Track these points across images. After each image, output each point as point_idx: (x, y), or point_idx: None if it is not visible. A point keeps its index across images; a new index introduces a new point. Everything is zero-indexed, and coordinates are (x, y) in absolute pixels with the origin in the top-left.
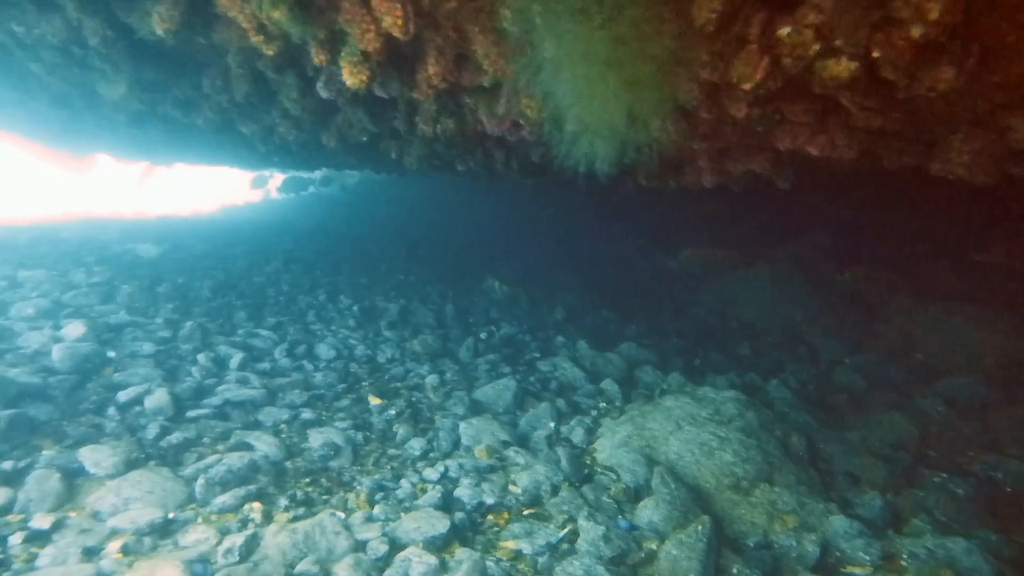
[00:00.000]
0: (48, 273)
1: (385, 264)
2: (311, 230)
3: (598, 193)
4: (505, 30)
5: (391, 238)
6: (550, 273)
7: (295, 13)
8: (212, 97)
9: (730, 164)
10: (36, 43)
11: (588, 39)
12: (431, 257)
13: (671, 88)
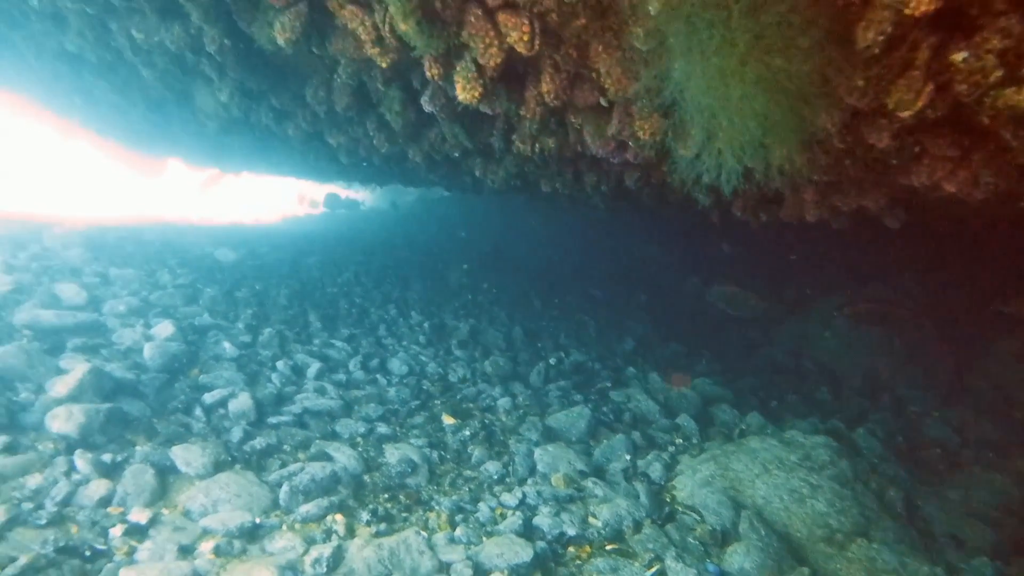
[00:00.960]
0: (136, 272)
1: (452, 281)
2: (376, 245)
3: (666, 223)
4: (633, 49)
5: (454, 257)
6: (615, 301)
7: (422, 26)
8: (310, 107)
9: (839, 199)
10: (152, 49)
11: (728, 59)
12: (494, 278)
13: (811, 114)
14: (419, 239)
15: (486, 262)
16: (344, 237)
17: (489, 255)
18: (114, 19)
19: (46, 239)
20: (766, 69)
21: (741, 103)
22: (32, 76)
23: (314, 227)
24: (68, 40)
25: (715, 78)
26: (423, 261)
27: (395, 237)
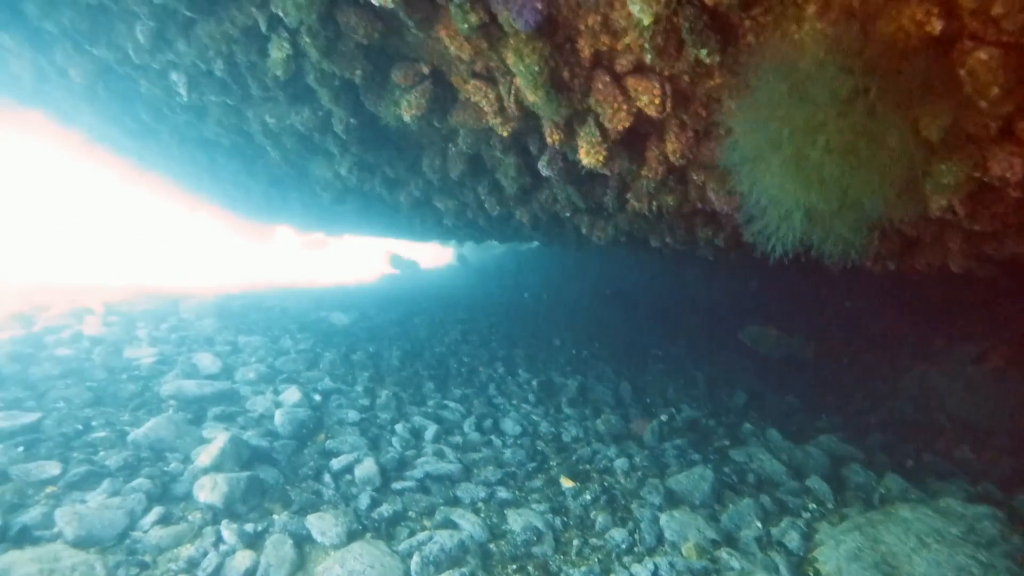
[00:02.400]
0: (262, 340)
1: (554, 336)
2: (471, 302)
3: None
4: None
5: (549, 310)
6: (719, 351)
7: (550, 95)
8: (424, 175)
9: (993, 246)
10: (281, 131)
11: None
12: (590, 330)
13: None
14: (501, 293)
15: (577, 316)
16: (440, 295)
17: (576, 307)
18: (250, 108)
19: (182, 310)
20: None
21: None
22: (171, 160)
23: (409, 284)
24: (206, 128)
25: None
26: (517, 315)
27: (483, 292)
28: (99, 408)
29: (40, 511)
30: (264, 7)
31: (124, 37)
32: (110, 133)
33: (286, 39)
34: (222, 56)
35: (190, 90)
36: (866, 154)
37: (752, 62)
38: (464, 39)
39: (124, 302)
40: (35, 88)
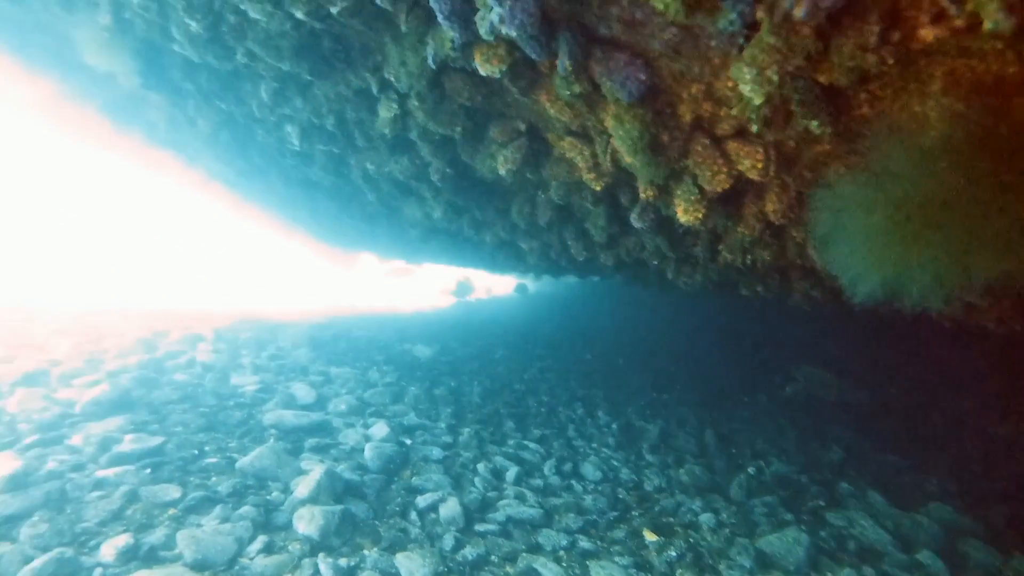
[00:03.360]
0: (351, 371)
1: (633, 376)
2: (547, 334)
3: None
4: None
5: (626, 347)
6: (811, 401)
7: (649, 159)
8: (513, 219)
9: None
10: (379, 177)
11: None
12: (671, 370)
13: None
14: (571, 324)
15: (653, 354)
16: (515, 327)
17: (650, 345)
18: (353, 155)
19: (280, 339)
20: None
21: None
22: (275, 196)
23: (481, 314)
24: (311, 171)
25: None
26: (593, 350)
27: (554, 323)
28: (211, 433)
29: (163, 532)
30: (376, 72)
31: (249, 95)
32: (225, 172)
33: (394, 100)
34: (334, 113)
35: (302, 140)
36: (995, 228)
37: (867, 132)
38: (565, 104)
39: (229, 329)
40: (167, 133)
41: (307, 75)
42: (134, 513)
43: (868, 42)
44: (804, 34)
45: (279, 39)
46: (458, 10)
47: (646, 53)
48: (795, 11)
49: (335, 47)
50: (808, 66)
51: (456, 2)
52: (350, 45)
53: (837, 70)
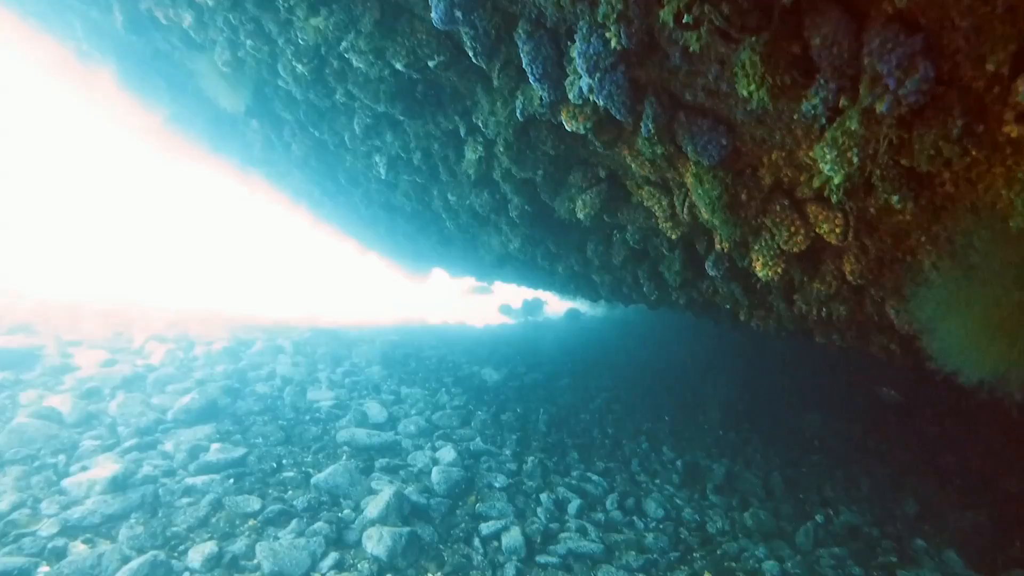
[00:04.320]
0: (421, 392)
1: (700, 412)
2: (613, 361)
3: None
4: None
5: (691, 378)
6: (888, 452)
7: (727, 216)
8: (587, 255)
9: None
10: (459, 208)
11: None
12: (739, 406)
13: None
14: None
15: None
16: (577, 350)
17: (701, 371)
18: (435, 186)
19: (354, 355)
20: None
21: None
22: (356, 218)
23: (550, 335)
24: (394, 197)
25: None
26: (668, 384)
27: (618, 349)
28: (288, 447)
29: (244, 543)
30: (465, 116)
31: (343, 127)
32: (311, 192)
33: (480, 143)
34: (421, 148)
35: (388, 170)
36: None
37: (951, 208)
38: (646, 159)
39: (307, 343)
40: (261, 154)
41: (400, 115)
42: (218, 521)
43: (951, 134)
44: (886, 123)
45: (377, 83)
46: (549, 73)
47: (729, 120)
48: (877, 105)
49: (428, 92)
50: (890, 150)
51: (547, 66)
52: (442, 90)
53: (919, 156)
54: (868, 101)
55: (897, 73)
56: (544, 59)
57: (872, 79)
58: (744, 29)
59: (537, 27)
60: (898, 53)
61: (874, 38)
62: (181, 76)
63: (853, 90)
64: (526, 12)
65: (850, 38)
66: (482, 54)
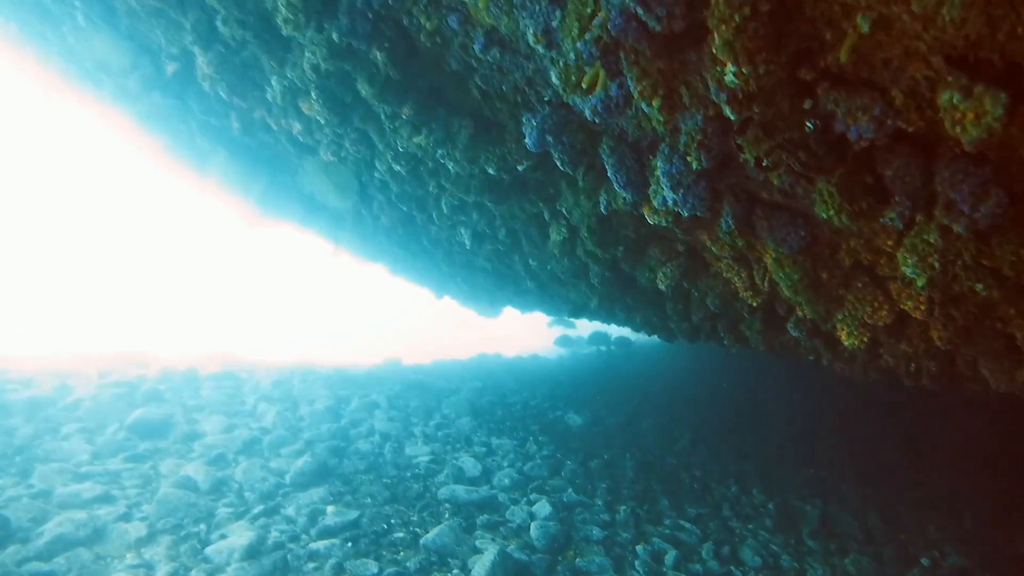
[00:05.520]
0: (511, 442)
1: (786, 448)
2: (691, 396)
3: None
4: None
5: (771, 413)
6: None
7: (809, 296)
8: (666, 312)
9: None
10: (540, 271)
11: None
12: (830, 441)
13: None
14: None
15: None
16: (658, 388)
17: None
18: (517, 253)
19: (444, 406)
20: None
21: None
22: (436, 273)
23: (609, 364)
24: (475, 261)
25: None
26: (740, 416)
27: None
28: (395, 506)
29: None
30: (549, 203)
31: (431, 206)
32: (394, 253)
33: (563, 226)
34: (506, 227)
35: (472, 241)
36: None
37: None
38: (726, 244)
39: (400, 396)
40: (351, 226)
41: (487, 202)
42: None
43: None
44: (964, 237)
45: (468, 179)
46: (632, 181)
47: (806, 213)
48: (953, 226)
49: (514, 183)
50: (971, 255)
51: (631, 175)
52: (527, 182)
53: (1001, 261)
54: (944, 221)
55: (970, 200)
56: (627, 170)
57: (946, 204)
58: (820, 171)
59: (619, 142)
60: (970, 183)
61: (944, 170)
62: (280, 161)
63: (928, 209)
64: (609, 130)
65: (921, 169)
66: (568, 163)
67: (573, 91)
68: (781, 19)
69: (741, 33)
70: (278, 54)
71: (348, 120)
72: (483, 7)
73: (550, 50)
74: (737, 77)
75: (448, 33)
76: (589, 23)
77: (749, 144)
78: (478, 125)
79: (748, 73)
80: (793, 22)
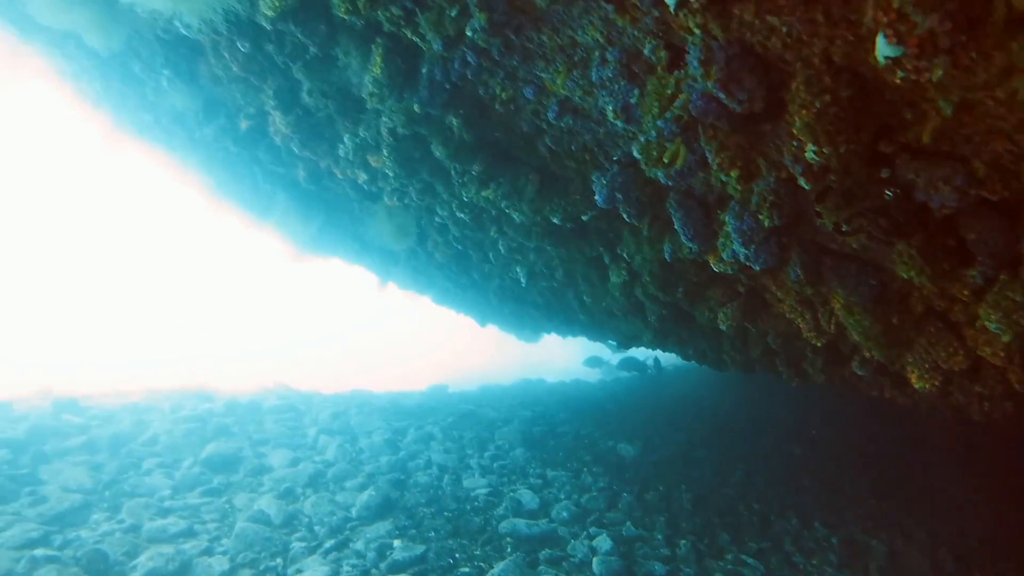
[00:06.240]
0: (566, 474)
1: (846, 478)
2: (741, 424)
3: None
4: None
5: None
6: None
7: (881, 340)
8: (724, 345)
9: None
10: (595, 306)
11: None
12: (887, 473)
13: None
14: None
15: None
16: (696, 410)
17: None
18: (571, 290)
19: (497, 437)
20: None
21: None
22: (485, 305)
23: (667, 392)
24: (528, 295)
25: None
26: (789, 442)
27: (736, 406)
28: (458, 540)
29: None
30: (609, 247)
31: (488, 247)
32: (445, 287)
33: (624, 269)
34: (563, 267)
35: (528, 280)
36: None
37: None
38: (792, 290)
39: (454, 427)
40: (404, 261)
41: (547, 247)
42: None
43: None
44: None
45: (531, 227)
46: (699, 233)
47: (876, 262)
48: None
49: (575, 229)
50: None
51: (698, 228)
52: (588, 229)
53: None
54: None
55: None
56: (694, 223)
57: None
58: (901, 236)
59: (686, 197)
60: None
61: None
62: (339, 203)
63: (1012, 269)
64: (675, 185)
65: (1004, 232)
66: (635, 216)
67: (655, 165)
68: (861, 101)
69: (822, 117)
70: (352, 116)
71: (415, 172)
72: (561, 83)
73: (629, 124)
74: (817, 155)
75: (522, 101)
76: (670, 104)
77: (828, 211)
78: (544, 179)
79: (828, 153)
80: (873, 104)
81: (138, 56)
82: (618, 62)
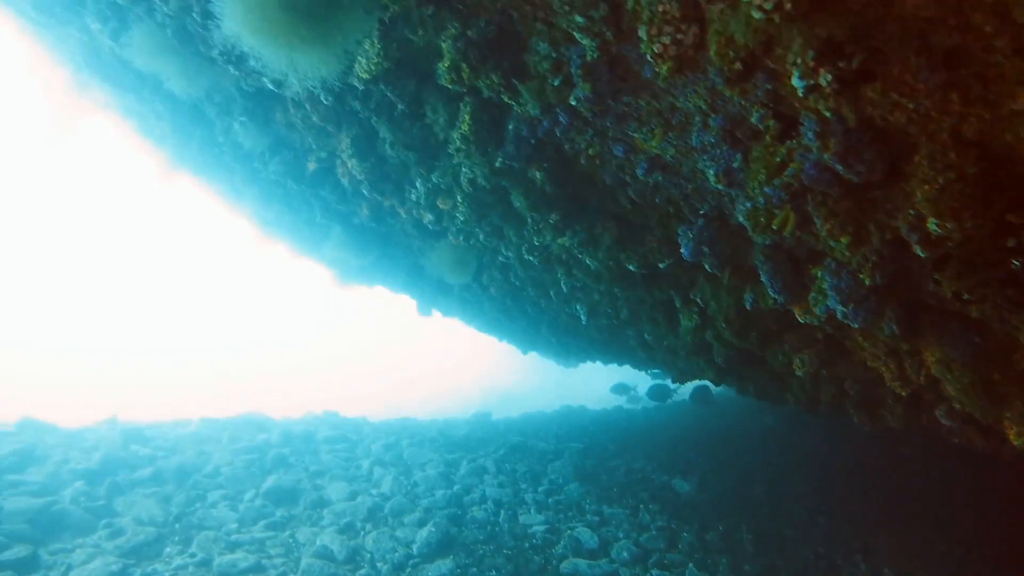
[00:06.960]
0: (622, 511)
1: (915, 519)
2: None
3: None
4: None
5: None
6: None
7: (980, 401)
8: (794, 390)
9: None
10: (656, 346)
11: None
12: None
13: None
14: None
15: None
16: (748, 443)
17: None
18: (632, 328)
19: (550, 471)
20: None
21: None
22: (536, 336)
23: (713, 425)
24: (580, 328)
25: None
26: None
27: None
28: None
29: None
30: (681, 291)
31: (549, 285)
32: (496, 318)
33: (696, 312)
34: (629, 308)
35: (589, 317)
36: None
37: None
38: (882, 341)
39: (505, 459)
40: (458, 294)
41: (617, 290)
42: None
43: None
44: None
45: (602, 270)
46: (788, 286)
47: (979, 320)
48: None
49: (647, 275)
50: None
51: (787, 281)
52: (659, 273)
53: None
54: None
55: None
56: (783, 276)
57: None
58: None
59: (775, 251)
60: None
61: None
62: (396, 237)
63: None
64: (769, 243)
65: None
66: (717, 267)
67: (763, 232)
68: (991, 177)
69: (946, 193)
70: (427, 163)
71: (486, 217)
72: (656, 144)
73: (731, 188)
74: (940, 227)
75: (608, 157)
76: (779, 172)
77: (948, 280)
78: (621, 227)
79: (952, 228)
80: (1004, 178)
81: (212, 102)
82: (721, 128)
